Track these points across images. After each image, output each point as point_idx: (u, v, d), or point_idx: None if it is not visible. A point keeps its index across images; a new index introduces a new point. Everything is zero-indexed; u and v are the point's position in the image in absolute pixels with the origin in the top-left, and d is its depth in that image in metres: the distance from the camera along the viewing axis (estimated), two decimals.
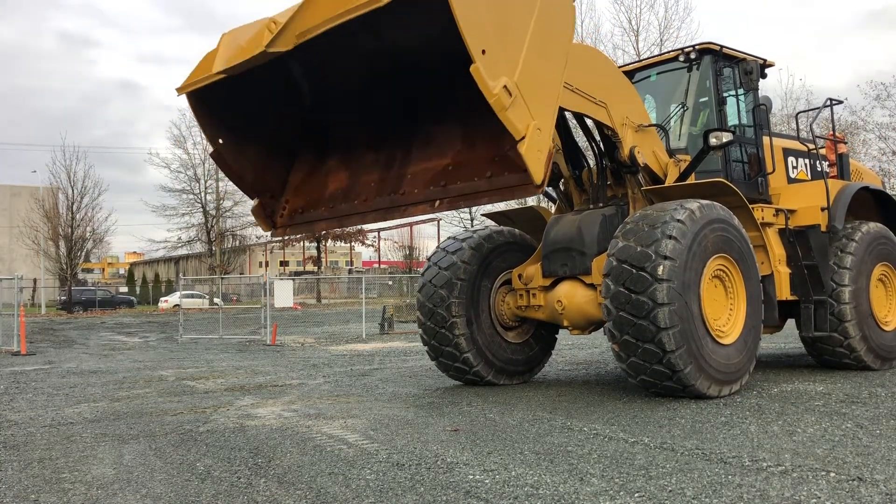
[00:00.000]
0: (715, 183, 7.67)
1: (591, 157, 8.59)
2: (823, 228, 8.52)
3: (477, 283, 8.36)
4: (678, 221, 6.67)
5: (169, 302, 46.34)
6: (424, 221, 53.09)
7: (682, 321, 6.48)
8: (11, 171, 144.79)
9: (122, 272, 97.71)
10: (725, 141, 7.79)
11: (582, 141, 9.00)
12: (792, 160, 9.61)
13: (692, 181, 7.96)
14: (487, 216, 10.43)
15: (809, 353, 9.09)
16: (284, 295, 20.41)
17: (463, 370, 8.34)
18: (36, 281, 50.69)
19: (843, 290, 8.33)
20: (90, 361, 14.03)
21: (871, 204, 9.61)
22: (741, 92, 8.90)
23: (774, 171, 8.94)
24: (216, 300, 43.48)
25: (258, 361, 13.07)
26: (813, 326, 8.35)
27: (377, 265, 71.20)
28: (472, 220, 40.42)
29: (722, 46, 8.71)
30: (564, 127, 8.26)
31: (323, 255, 64.76)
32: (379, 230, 59.91)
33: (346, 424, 6.31)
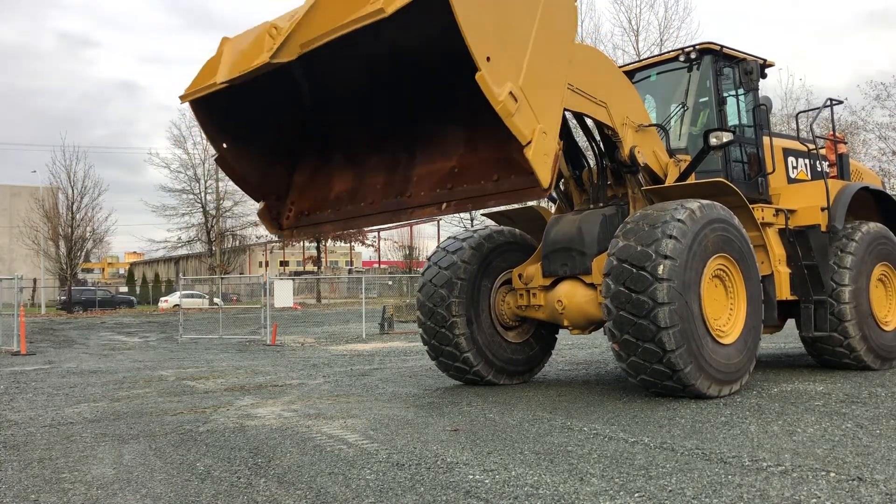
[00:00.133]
0: (715, 183, 7.67)
1: (591, 157, 8.59)
2: (823, 228, 8.53)
3: (477, 282, 8.36)
4: (678, 221, 6.67)
5: (169, 302, 46.35)
6: (424, 221, 53.10)
7: (682, 321, 6.48)
8: (11, 171, 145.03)
9: (122, 272, 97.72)
10: (725, 141, 7.79)
11: (582, 141, 9.00)
12: (792, 160, 9.61)
13: (692, 181, 7.96)
14: (487, 216, 10.42)
15: (809, 353, 9.10)
16: (284, 295, 20.42)
17: (463, 370, 8.34)
18: (36, 281, 50.69)
19: (843, 289, 8.33)
20: (90, 361, 14.03)
21: (871, 204, 9.61)
22: (741, 92, 8.90)
23: (774, 171, 8.95)
24: (216, 300, 43.48)
25: (258, 361, 13.07)
26: (813, 326, 8.36)
27: (377, 265, 71.19)
28: (472, 219, 40.37)
29: (722, 46, 8.71)
30: (565, 127, 8.23)
31: (323, 255, 64.79)
32: (379, 230, 59.85)
33: (346, 424, 6.31)
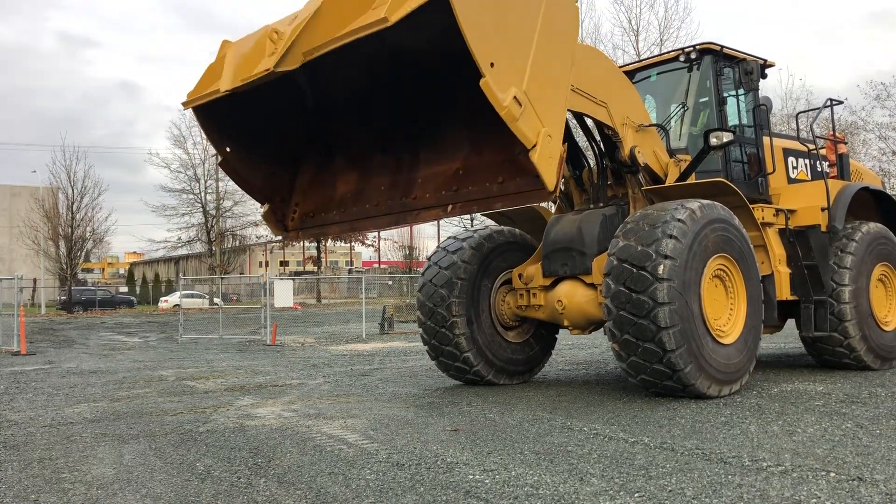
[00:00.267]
0: (715, 183, 7.66)
1: (591, 157, 8.59)
2: (823, 228, 8.52)
3: (477, 282, 8.36)
4: (679, 221, 6.67)
5: (169, 302, 46.35)
6: (429, 223, 53.04)
7: (682, 320, 6.48)
8: (11, 171, 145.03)
9: (122, 272, 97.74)
10: (726, 141, 7.79)
11: (582, 141, 9.00)
12: (792, 160, 9.61)
13: (692, 181, 7.96)
14: (487, 216, 10.41)
15: (809, 353, 9.10)
16: (284, 295, 20.42)
17: (463, 370, 8.34)
18: (36, 281, 50.69)
19: (843, 289, 8.33)
20: (90, 361, 14.03)
21: (871, 204, 9.61)
22: (741, 92, 8.90)
23: (774, 171, 8.95)
24: (216, 300, 43.49)
25: (258, 361, 13.07)
26: (813, 326, 8.35)
27: (377, 265, 71.19)
28: (472, 219, 40.35)
29: (722, 46, 8.71)
30: (565, 127, 8.25)
31: (323, 255, 64.81)
32: (380, 230, 59.90)
33: (346, 424, 6.31)
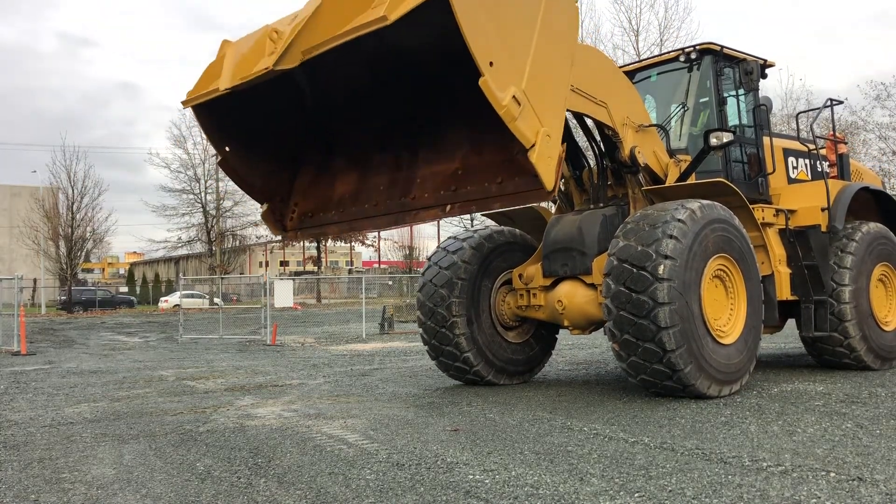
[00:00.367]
0: (715, 183, 7.66)
1: (591, 157, 8.59)
2: (824, 228, 8.52)
3: (477, 282, 8.36)
4: (679, 221, 6.67)
5: (169, 302, 46.34)
6: (428, 223, 53.05)
7: (682, 320, 6.47)
8: (11, 171, 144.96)
9: (122, 272, 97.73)
10: (726, 141, 7.79)
11: (582, 141, 9.00)
12: (792, 160, 9.61)
13: (692, 181, 7.96)
14: (487, 216, 10.41)
15: (809, 353, 9.10)
16: (284, 295, 20.42)
17: (463, 370, 8.34)
18: (36, 281, 50.69)
19: (843, 289, 8.33)
20: (90, 361, 14.03)
21: (871, 204, 9.61)
22: (741, 92, 8.90)
23: (775, 171, 8.95)
24: (216, 300, 43.47)
25: (258, 361, 13.07)
26: (813, 326, 8.35)
27: (377, 265, 71.19)
28: (472, 219, 40.35)
29: (722, 46, 8.71)
30: (565, 127, 8.25)
31: (323, 255, 64.80)
32: (379, 230, 59.90)
33: (346, 424, 6.31)
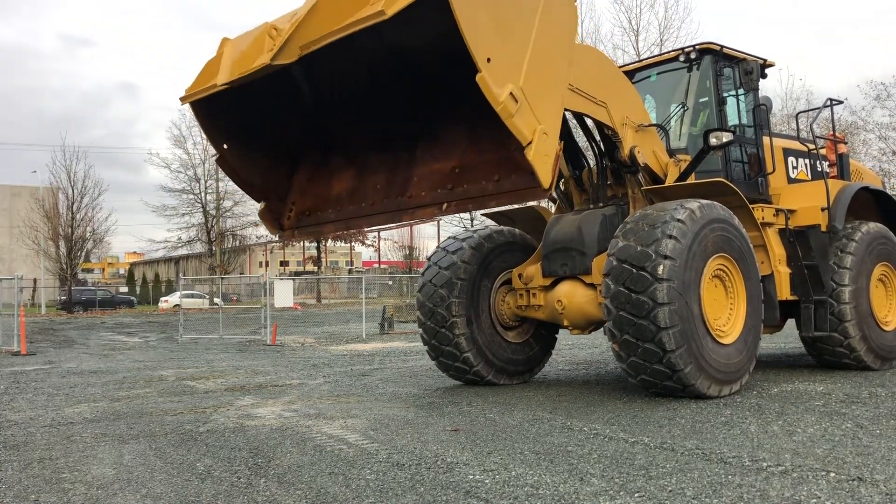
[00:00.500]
0: (715, 183, 7.66)
1: (591, 157, 8.59)
2: (823, 228, 8.52)
3: (477, 282, 8.36)
4: (678, 221, 6.67)
5: (169, 302, 46.33)
6: (425, 221, 53.07)
7: (682, 321, 6.47)
8: (11, 171, 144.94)
9: (122, 272, 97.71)
10: (725, 141, 7.79)
11: (582, 141, 9.00)
12: (792, 160, 9.61)
13: (692, 181, 7.96)
14: (487, 216, 10.42)
15: (809, 353, 9.09)
16: (284, 295, 20.42)
17: (463, 370, 8.34)
18: (36, 281, 50.68)
19: (843, 289, 8.33)
20: (90, 361, 14.03)
21: (871, 204, 9.61)
22: (741, 92, 8.90)
23: (774, 171, 8.94)
24: (216, 300, 43.46)
25: (258, 361, 13.07)
26: (813, 326, 8.35)
27: (377, 265, 71.17)
28: (472, 219, 40.37)
29: (722, 46, 8.71)
30: (565, 127, 8.23)
31: (323, 255, 64.77)
32: (379, 230, 59.83)
33: (346, 424, 6.31)
